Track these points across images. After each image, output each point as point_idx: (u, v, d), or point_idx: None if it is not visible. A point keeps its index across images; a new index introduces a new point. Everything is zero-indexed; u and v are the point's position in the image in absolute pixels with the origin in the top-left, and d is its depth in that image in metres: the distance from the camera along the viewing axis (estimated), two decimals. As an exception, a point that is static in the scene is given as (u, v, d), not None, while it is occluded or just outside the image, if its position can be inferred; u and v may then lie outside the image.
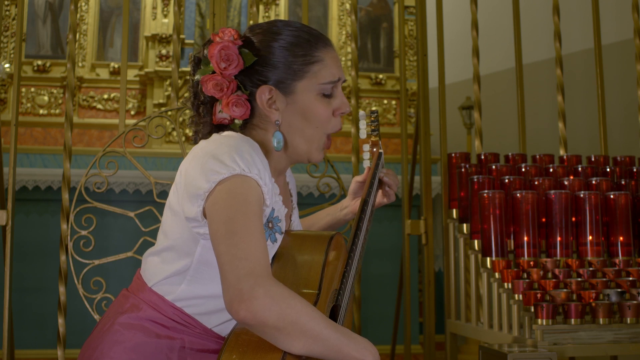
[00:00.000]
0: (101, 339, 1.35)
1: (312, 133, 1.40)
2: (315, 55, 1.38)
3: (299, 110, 1.38)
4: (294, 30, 1.40)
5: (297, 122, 1.38)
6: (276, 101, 1.37)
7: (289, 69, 1.37)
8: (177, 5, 2.65)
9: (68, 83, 2.54)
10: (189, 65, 1.47)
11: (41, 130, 4.97)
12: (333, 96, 1.41)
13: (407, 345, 2.85)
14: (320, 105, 1.38)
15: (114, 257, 2.13)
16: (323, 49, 1.40)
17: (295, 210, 1.56)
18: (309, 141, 1.40)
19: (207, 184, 1.25)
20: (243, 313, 1.14)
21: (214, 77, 1.37)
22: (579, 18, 4.36)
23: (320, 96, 1.39)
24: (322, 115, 1.39)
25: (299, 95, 1.37)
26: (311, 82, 1.38)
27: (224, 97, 1.37)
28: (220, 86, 1.36)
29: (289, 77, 1.37)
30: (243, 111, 1.37)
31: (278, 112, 1.37)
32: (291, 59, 1.37)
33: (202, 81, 1.38)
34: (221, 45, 1.36)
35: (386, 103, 5.35)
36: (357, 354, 1.20)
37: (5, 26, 5.00)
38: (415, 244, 4.20)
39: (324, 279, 1.31)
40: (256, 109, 1.39)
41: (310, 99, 1.38)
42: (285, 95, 1.37)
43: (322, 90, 1.38)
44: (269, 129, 1.39)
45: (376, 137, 1.74)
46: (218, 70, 1.36)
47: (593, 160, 2.79)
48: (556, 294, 2.04)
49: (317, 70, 1.38)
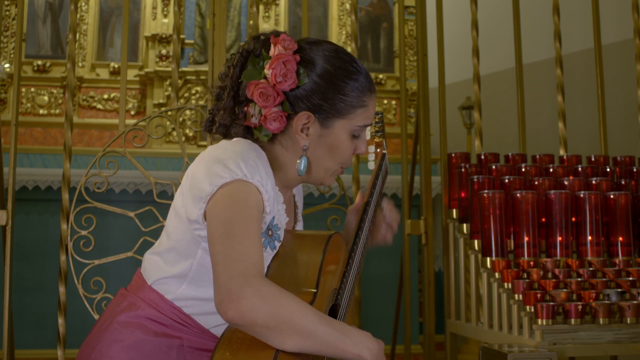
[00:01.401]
0: (100, 338, 1.36)
1: (331, 165, 1.42)
2: (363, 101, 1.40)
3: (327, 144, 1.39)
4: (354, 65, 1.40)
5: (322, 153, 1.40)
6: (310, 128, 1.37)
7: (335, 105, 1.37)
8: (177, 5, 2.65)
9: (68, 83, 2.54)
10: (235, 59, 1.41)
11: (41, 130, 4.97)
12: (359, 137, 1.43)
13: (407, 345, 2.85)
14: (348, 144, 1.41)
15: (114, 257, 2.13)
16: (370, 96, 1.41)
17: (300, 222, 1.56)
18: (326, 171, 1.42)
19: (210, 187, 1.26)
20: (231, 313, 1.14)
21: (264, 86, 1.34)
22: (579, 18, 4.36)
23: (350, 136, 1.41)
24: (347, 153, 1.42)
25: (334, 130, 1.39)
26: (349, 122, 1.39)
27: (266, 108, 1.35)
28: (267, 97, 1.34)
29: (332, 112, 1.37)
30: (278, 127, 1.36)
31: (308, 138, 1.38)
32: (341, 96, 1.37)
33: (249, 84, 1.35)
34: (285, 59, 1.34)
35: (386, 103, 5.35)
36: (354, 349, 1.20)
37: (5, 26, 5.00)
38: (415, 244, 4.20)
39: (321, 278, 1.31)
40: (288, 128, 1.38)
41: (342, 137, 1.40)
42: (322, 127, 1.38)
43: (354, 131, 1.41)
44: (290, 149, 1.40)
45: (380, 138, 1.74)
46: (273, 81, 1.34)
47: (593, 160, 2.79)
48: (556, 294, 2.04)
49: (360, 114, 1.40)
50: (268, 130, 1.36)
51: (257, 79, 1.36)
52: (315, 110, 1.36)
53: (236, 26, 5.15)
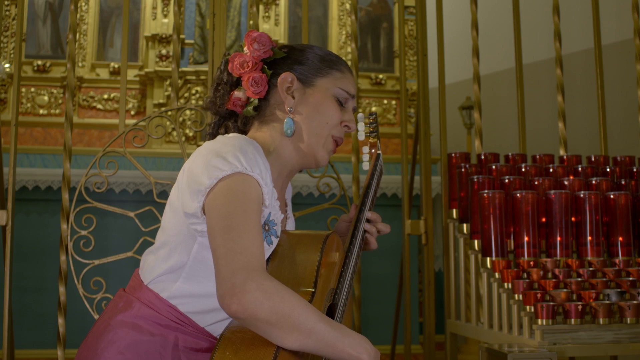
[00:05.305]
0: (96, 339, 1.36)
1: (320, 127, 1.45)
2: (339, 68, 1.50)
3: (313, 103, 1.45)
4: (325, 50, 1.53)
5: (308, 112, 1.44)
6: (294, 91, 1.44)
7: (314, 67, 1.47)
8: (177, 5, 2.65)
9: (68, 83, 2.54)
10: (221, 63, 1.54)
11: (41, 130, 4.97)
12: (345, 108, 1.49)
13: (407, 345, 2.85)
14: (333, 105, 1.46)
15: (114, 257, 2.13)
16: (346, 69, 1.51)
17: (291, 220, 1.57)
18: (316, 135, 1.44)
19: (209, 180, 1.26)
20: (234, 307, 1.14)
21: (242, 55, 1.47)
22: (579, 18, 4.36)
23: (334, 99, 1.47)
24: (334, 114, 1.46)
25: (317, 89, 1.46)
26: (331, 82, 1.47)
27: (245, 74, 1.45)
28: (246, 63, 1.45)
29: (312, 72, 1.47)
30: (260, 90, 1.44)
31: (293, 100, 1.44)
32: (317, 61, 1.48)
33: (230, 58, 1.47)
34: (259, 34, 1.47)
35: (386, 103, 5.34)
36: (352, 351, 1.20)
37: (5, 26, 5.00)
38: (415, 244, 4.21)
39: (319, 277, 1.31)
40: (271, 96, 1.46)
41: (326, 97, 1.46)
42: (305, 86, 1.46)
43: (338, 94, 1.47)
44: (279, 122, 1.45)
45: (374, 138, 1.74)
46: (250, 50, 1.46)
47: (593, 160, 2.79)
48: (556, 294, 2.04)
49: (339, 77, 1.48)
50: (251, 95, 1.45)
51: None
52: (295, 70, 1.46)
53: (236, 26, 5.15)
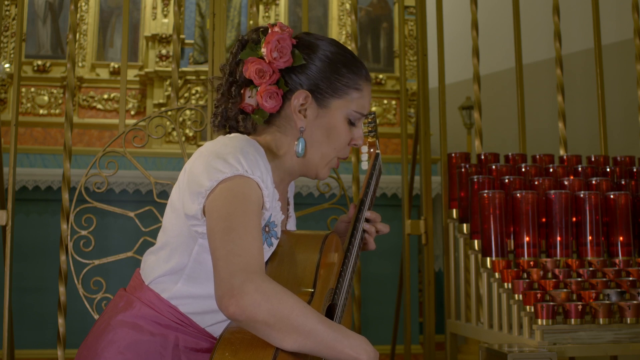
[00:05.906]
0: (97, 339, 1.36)
1: (328, 151, 1.42)
2: (359, 84, 1.42)
3: (324, 126, 1.40)
4: (345, 51, 1.44)
5: (319, 136, 1.40)
6: (307, 109, 1.39)
7: (332, 84, 1.39)
8: (177, 5, 2.65)
9: (68, 83, 2.54)
10: (235, 47, 1.45)
11: (41, 130, 4.97)
12: (355, 126, 1.44)
13: (407, 345, 2.85)
14: (344, 128, 1.42)
15: (114, 257, 2.13)
16: (365, 82, 1.44)
17: (292, 218, 1.56)
18: (323, 157, 1.42)
19: (209, 182, 1.25)
20: (232, 308, 1.13)
21: (260, 62, 1.38)
22: (579, 18, 4.36)
23: (347, 121, 1.42)
24: (343, 138, 1.42)
25: (331, 111, 1.40)
26: (346, 104, 1.40)
27: (262, 85, 1.37)
28: (263, 73, 1.37)
29: (328, 91, 1.39)
30: (274, 105, 1.38)
31: (305, 120, 1.39)
32: (336, 75, 1.40)
33: (246, 61, 1.38)
34: (280, 36, 1.38)
35: (386, 103, 5.34)
36: (352, 352, 1.20)
37: (5, 26, 5.00)
38: (415, 244, 4.20)
39: (318, 277, 1.31)
40: (284, 109, 1.40)
41: (339, 119, 1.41)
42: (319, 107, 1.39)
43: (351, 116, 1.42)
44: (288, 132, 1.41)
45: (373, 138, 1.74)
46: (268, 57, 1.37)
47: (593, 160, 2.79)
48: (556, 294, 2.04)
49: (355, 98, 1.41)
50: (264, 109, 1.38)
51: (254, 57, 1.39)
52: (312, 89, 1.38)
53: (236, 26, 5.15)
